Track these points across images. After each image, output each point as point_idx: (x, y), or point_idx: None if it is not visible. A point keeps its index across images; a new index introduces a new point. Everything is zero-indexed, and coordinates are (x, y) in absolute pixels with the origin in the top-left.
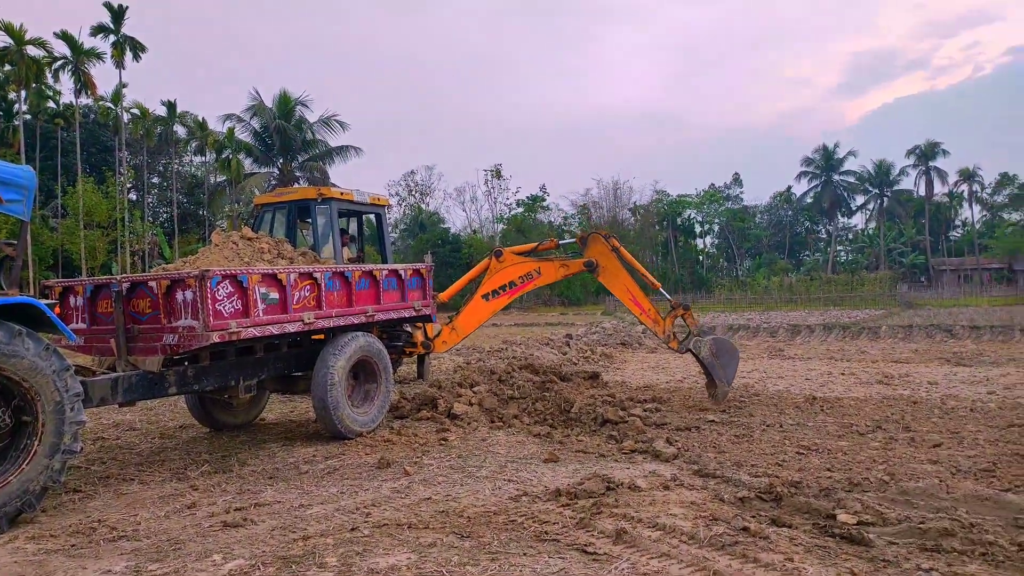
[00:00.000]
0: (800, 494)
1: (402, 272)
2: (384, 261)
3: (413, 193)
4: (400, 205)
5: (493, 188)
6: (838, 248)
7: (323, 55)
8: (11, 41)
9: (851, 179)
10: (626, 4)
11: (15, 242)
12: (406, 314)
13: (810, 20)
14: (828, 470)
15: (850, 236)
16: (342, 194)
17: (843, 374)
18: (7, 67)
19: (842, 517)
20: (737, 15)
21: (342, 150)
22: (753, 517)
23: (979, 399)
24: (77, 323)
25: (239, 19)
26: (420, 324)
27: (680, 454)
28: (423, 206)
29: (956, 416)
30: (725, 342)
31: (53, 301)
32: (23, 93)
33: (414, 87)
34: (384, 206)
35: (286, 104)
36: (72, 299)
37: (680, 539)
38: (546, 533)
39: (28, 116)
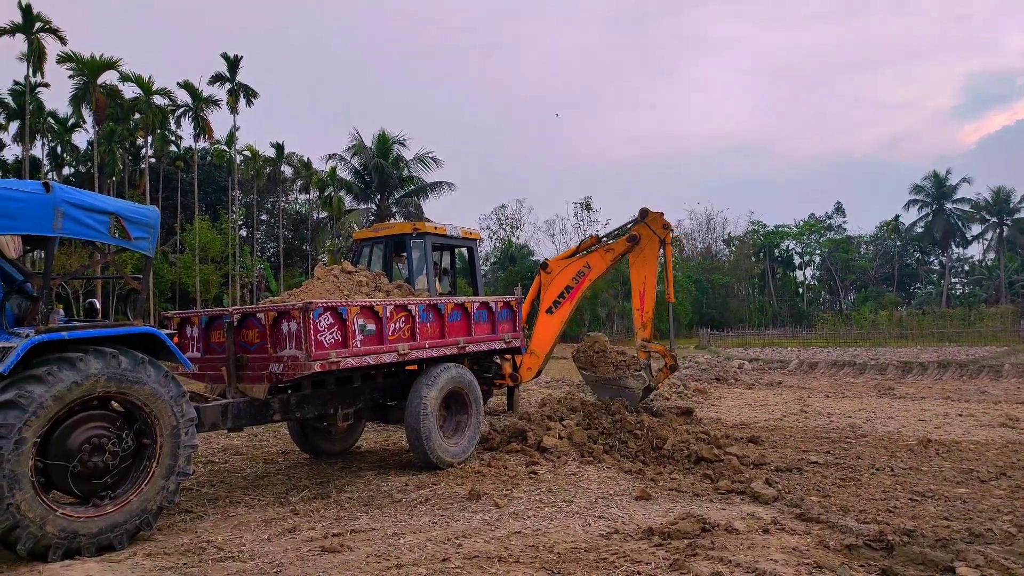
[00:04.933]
0: (914, 543)
1: (493, 304)
2: (475, 293)
3: (504, 226)
4: (491, 238)
5: (583, 220)
6: (953, 280)
7: (418, 92)
8: (141, 92)
9: (966, 207)
10: (715, 33)
11: (140, 276)
12: (496, 346)
13: (913, 41)
14: (945, 519)
15: (966, 268)
16: (436, 229)
17: (961, 415)
18: (136, 115)
19: (962, 571)
20: (831, 39)
21: (436, 186)
22: (862, 566)
23: None
24: (192, 352)
25: (343, 62)
26: (509, 356)
27: (781, 496)
28: (513, 239)
29: None
30: (633, 396)
31: (172, 331)
32: (150, 139)
33: (505, 121)
34: (475, 240)
35: (384, 143)
36: (189, 329)
37: None
38: (638, 573)
39: (152, 160)
